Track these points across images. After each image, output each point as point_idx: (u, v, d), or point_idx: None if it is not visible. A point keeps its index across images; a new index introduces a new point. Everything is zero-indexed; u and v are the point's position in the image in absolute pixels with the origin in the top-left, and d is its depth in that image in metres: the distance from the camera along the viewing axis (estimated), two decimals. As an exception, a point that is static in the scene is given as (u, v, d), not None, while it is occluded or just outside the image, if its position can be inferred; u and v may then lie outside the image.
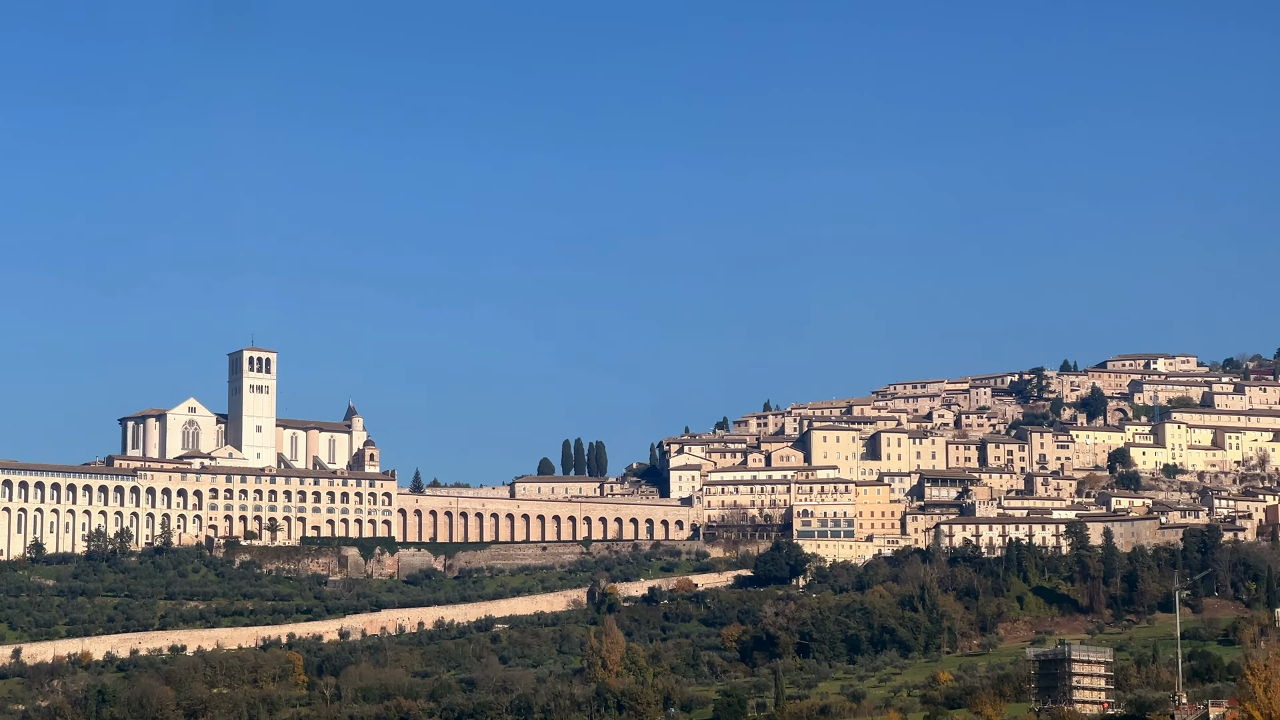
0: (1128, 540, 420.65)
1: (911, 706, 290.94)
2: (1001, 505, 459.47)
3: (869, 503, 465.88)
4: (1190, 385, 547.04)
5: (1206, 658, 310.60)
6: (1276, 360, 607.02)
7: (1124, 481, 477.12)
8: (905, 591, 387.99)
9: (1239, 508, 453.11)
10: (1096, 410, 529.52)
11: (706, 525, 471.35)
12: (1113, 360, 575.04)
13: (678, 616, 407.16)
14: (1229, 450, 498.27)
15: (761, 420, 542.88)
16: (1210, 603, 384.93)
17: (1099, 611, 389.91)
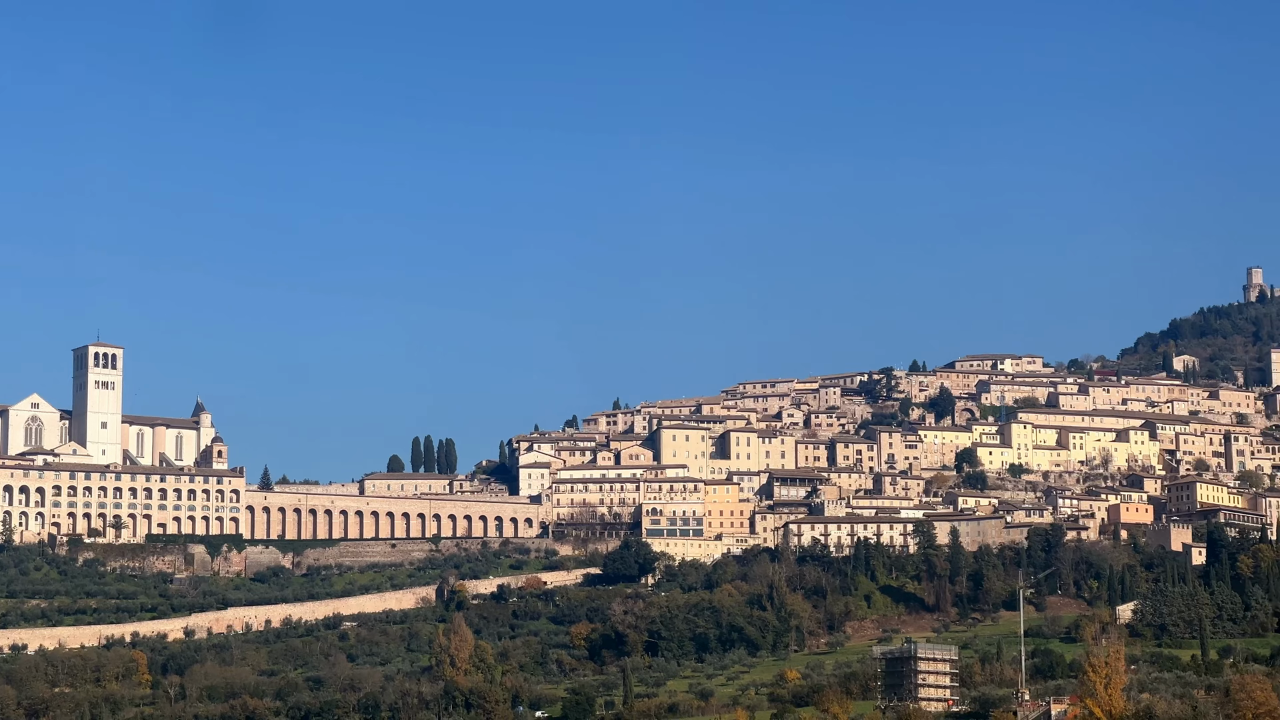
0: (974, 539, 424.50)
1: (759, 705, 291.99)
2: (850, 505, 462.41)
3: (718, 502, 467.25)
4: (1036, 386, 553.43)
5: (1049, 655, 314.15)
6: (1120, 361, 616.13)
7: (971, 481, 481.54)
8: (754, 590, 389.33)
9: (1082, 507, 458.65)
10: (945, 410, 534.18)
11: (556, 523, 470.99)
12: (961, 361, 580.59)
13: (526, 614, 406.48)
14: (1073, 450, 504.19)
15: (611, 419, 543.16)
16: (1054, 601, 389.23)
17: (945, 610, 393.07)
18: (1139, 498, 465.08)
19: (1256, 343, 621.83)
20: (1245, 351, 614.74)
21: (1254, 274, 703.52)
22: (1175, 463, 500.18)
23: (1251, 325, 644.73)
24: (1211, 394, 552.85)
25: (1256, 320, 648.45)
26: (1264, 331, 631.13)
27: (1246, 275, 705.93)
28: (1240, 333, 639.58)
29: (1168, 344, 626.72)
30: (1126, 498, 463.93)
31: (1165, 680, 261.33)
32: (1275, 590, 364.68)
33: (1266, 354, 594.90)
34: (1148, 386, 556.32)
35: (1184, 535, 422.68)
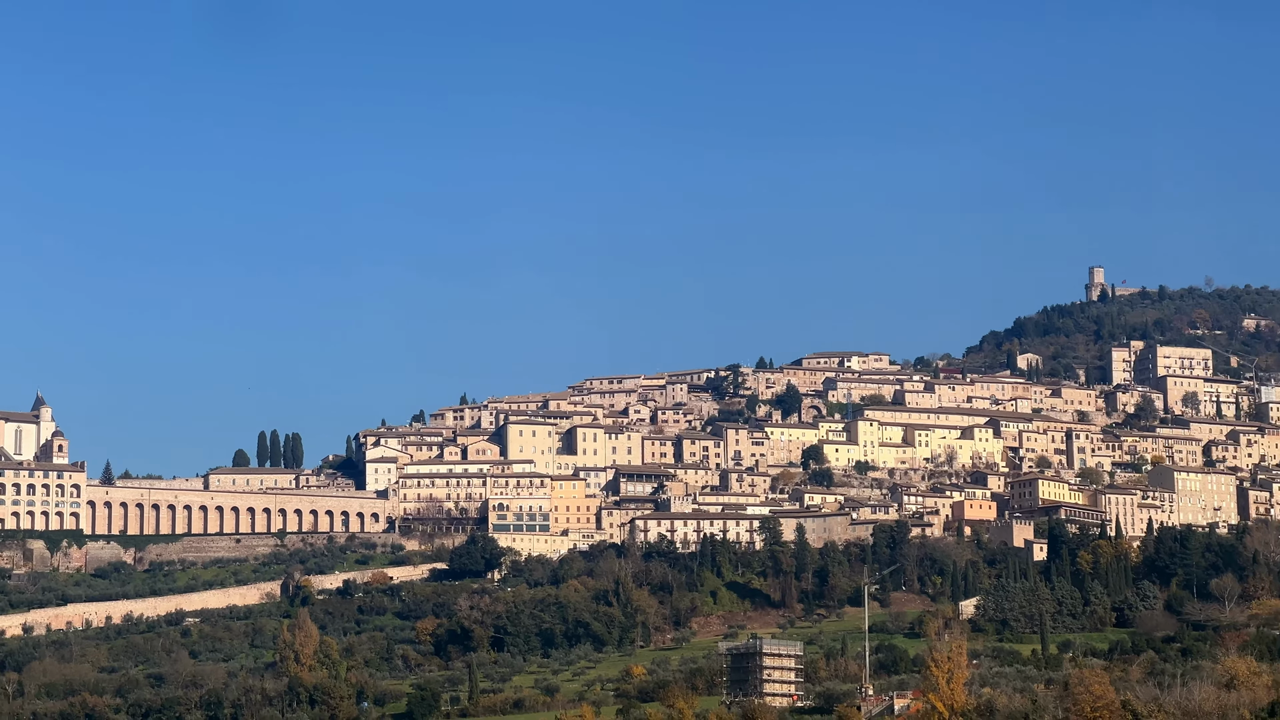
0: (820, 536, 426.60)
1: (605, 700, 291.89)
2: (697, 501, 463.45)
3: (565, 497, 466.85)
4: (883, 384, 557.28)
5: (893, 650, 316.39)
6: (965, 360, 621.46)
7: (817, 478, 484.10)
8: (600, 586, 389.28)
9: (927, 504, 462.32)
10: (791, 407, 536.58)
11: (402, 518, 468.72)
12: (808, 358, 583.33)
13: (372, 610, 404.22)
14: (918, 447, 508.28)
15: (458, 414, 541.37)
16: (898, 597, 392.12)
17: (790, 606, 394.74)
18: (982, 495, 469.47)
19: (1098, 341, 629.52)
20: (1087, 350, 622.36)
21: (1096, 273, 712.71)
22: (1018, 460, 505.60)
23: (1093, 324, 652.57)
24: (1054, 392, 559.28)
25: (1098, 319, 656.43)
26: (1105, 330, 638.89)
27: (1089, 274, 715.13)
28: (1083, 331, 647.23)
29: (1012, 342, 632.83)
30: (970, 495, 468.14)
31: (1006, 674, 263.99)
32: (1114, 586, 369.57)
33: (1108, 352, 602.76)
34: (992, 384, 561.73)
35: (1026, 531, 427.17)
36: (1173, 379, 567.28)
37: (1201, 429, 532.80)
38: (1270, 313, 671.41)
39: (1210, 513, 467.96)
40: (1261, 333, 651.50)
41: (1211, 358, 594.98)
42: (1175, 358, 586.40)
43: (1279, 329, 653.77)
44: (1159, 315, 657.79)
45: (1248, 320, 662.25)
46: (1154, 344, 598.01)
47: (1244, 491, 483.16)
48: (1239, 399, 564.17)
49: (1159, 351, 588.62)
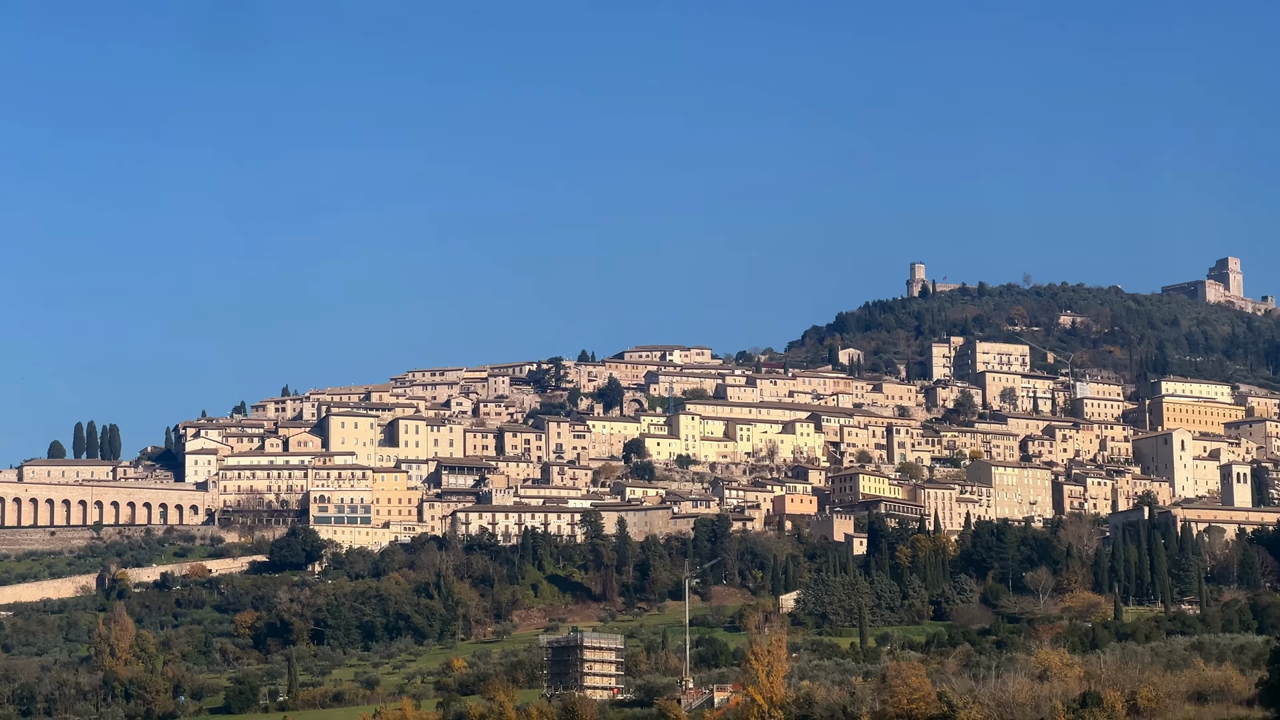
0: (641, 529, 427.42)
1: (425, 693, 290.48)
2: (518, 494, 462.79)
3: (386, 489, 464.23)
4: (704, 378, 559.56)
5: (713, 644, 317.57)
6: (787, 354, 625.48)
7: (639, 471, 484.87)
8: (421, 578, 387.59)
9: (748, 498, 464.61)
10: (613, 401, 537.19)
11: (222, 510, 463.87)
12: (630, 352, 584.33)
13: (190, 603, 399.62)
14: (740, 442, 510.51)
15: (280, 405, 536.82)
16: (719, 590, 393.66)
17: (611, 599, 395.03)
18: (803, 489, 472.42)
19: (919, 337, 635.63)
20: (908, 345, 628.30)
21: (917, 269, 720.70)
22: (839, 455, 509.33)
23: (914, 319, 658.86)
24: (875, 387, 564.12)
25: (919, 315, 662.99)
26: (926, 326, 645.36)
27: (910, 270, 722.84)
28: (904, 327, 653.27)
29: (834, 337, 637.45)
30: (791, 489, 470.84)
31: (825, 667, 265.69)
32: (932, 580, 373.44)
33: (928, 348, 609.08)
34: (814, 379, 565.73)
35: (846, 526, 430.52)
36: (991, 375, 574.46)
37: (1018, 424, 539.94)
38: (1086, 310, 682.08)
39: (1026, 507, 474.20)
40: (1078, 329, 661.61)
41: (1029, 354, 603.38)
42: (994, 354, 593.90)
43: (1094, 326, 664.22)
44: (978, 311, 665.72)
45: (1064, 317, 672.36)
46: (973, 340, 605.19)
47: (1059, 486, 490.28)
48: (1055, 395, 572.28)
49: (978, 347, 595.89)
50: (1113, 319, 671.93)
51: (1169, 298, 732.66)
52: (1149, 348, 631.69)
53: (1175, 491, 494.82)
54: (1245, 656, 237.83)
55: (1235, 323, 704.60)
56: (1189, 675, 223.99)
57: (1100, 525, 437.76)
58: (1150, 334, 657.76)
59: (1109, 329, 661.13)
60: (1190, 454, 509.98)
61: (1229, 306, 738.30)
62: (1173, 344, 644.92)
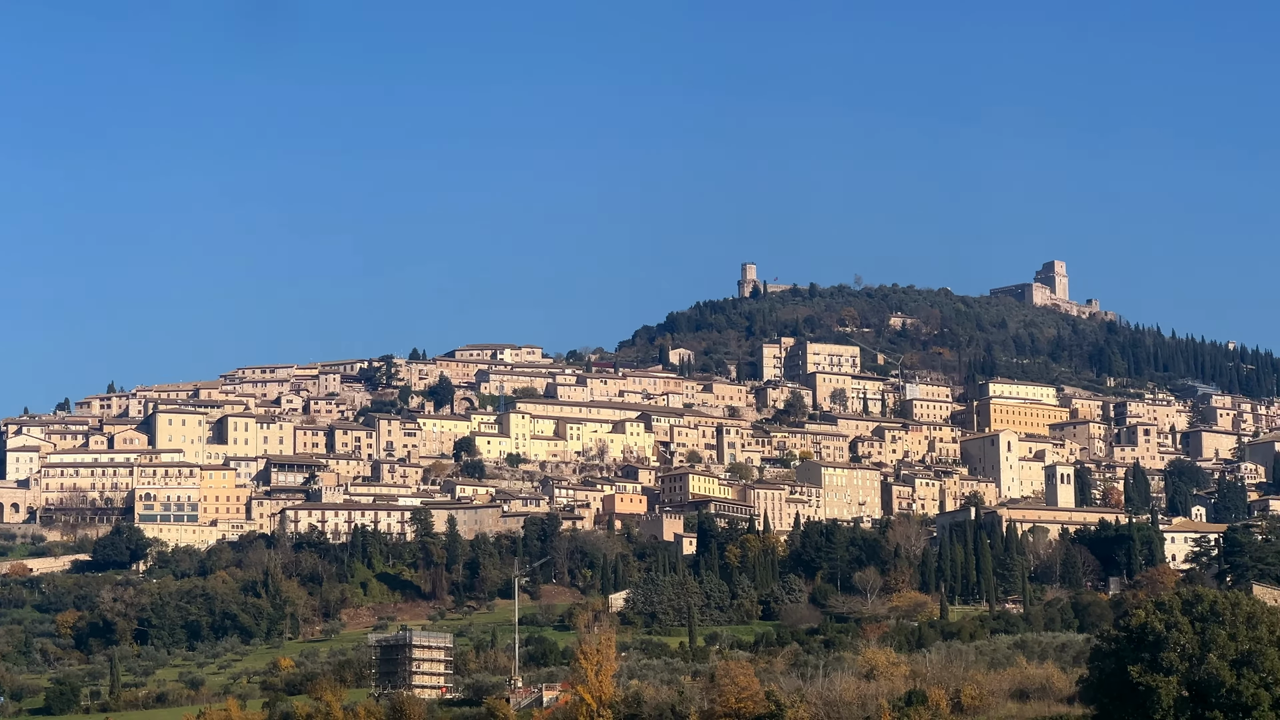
0: (471, 528, 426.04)
1: (251, 693, 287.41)
2: (348, 491, 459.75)
3: (214, 487, 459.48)
4: (535, 377, 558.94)
5: (543, 643, 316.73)
6: (618, 354, 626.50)
7: (469, 470, 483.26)
8: (249, 577, 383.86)
9: (578, 497, 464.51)
10: (444, 399, 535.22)
11: (44, 508, 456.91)
12: (461, 350, 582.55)
13: (10, 602, 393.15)
14: (570, 440, 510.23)
15: (105, 402, 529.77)
16: (548, 589, 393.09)
17: (441, 598, 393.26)
18: (633, 488, 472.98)
19: (749, 337, 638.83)
20: (739, 346, 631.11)
21: (749, 270, 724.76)
22: (669, 454, 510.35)
23: (745, 320, 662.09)
24: (705, 387, 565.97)
25: (750, 315, 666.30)
26: (757, 326, 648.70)
27: (741, 271, 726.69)
28: (734, 327, 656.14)
29: (665, 337, 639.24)
30: (621, 488, 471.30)
31: (654, 667, 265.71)
32: (761, 579, 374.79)
33: (759, 348, 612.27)
34: (644, 379, 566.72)
35: (676, 525, 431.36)
36: (821, 376, 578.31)
37: (848, 425, 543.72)
38: (916, 311, 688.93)
39: (855, 507, 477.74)
40: (907, 331, 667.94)
41: (859, 355, 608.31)
42: (824, 355, 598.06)
43: (924, 328, 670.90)
44: (809, 312, 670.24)
45: (894, 319, 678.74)
46: (804, 341, 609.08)
47: (888, 487, 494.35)
48: (885, 396, 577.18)
49: (809, 348, 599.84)
50: (942, 321, 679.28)
51: (997, 300, 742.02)
52: (977, 350, 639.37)
53: (1001, 492, 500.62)
54: (1066, 654, 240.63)
55: (1061, 325, 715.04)
56: (1012, 673, 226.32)
57: (928, 525, 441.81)
58: (978, 336, 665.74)
59: (938, 331, 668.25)
60: (1016, 455, 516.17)
61: (1055, 309, 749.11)
62: (1000, 346, 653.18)
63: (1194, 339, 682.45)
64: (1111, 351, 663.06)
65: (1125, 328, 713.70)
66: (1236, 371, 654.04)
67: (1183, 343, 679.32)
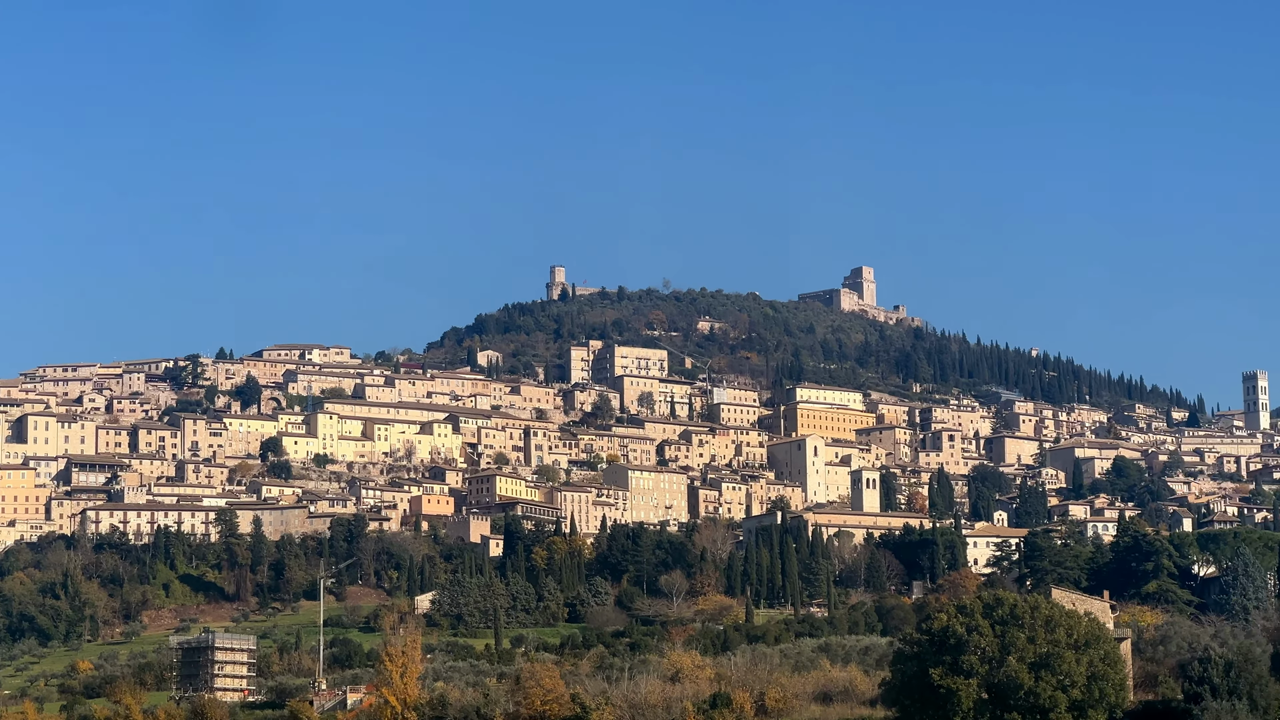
0: (277, 529, 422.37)
1: (48, 696, 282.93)
2: (152, 492, 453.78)
3: (13, 487, 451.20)
4: (343, 377, 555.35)
5: (348, 644, 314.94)
6: (427, 355, 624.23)
7: (275, 470, 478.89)
8: (47, 579, 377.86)
9: (385, 498, 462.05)
10: (251, 399, 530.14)
11: None
12: (269, 350, 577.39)
13: None
14: (378, 441, 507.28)
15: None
16: (354, 591, 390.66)
17: (245, 599, 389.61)
18: (440, 490, 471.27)
19: (558, 340, 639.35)
20: (547, 348, 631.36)
21: (557, 272, 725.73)
22: (477, 456, 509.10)
23: (554, 322, 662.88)
24: (513, 389, 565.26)
25: (559, 318, 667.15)
26: (565, 329, 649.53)
27: (550, 274, 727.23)
28: (543, 330, 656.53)
29: (473, 339, 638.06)
30: (429, 489, 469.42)
31: (459, 669, 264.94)
32: (567, 582, 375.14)
33: (566, 351, 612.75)
34: (452, 380, 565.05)
35: (483, 527, 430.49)
36: (629, 379, 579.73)
37: (655, 429, 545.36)
38: (724, 315, 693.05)
39: (662, 510, 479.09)
40: (715, 335, 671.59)
41: (667, 359, 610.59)
42: (632, 358, 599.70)
43: (732, 332, 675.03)
44: (618, 315, 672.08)
45: (702, 323, 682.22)
46: (612, 344, 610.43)
47: (694, 490, 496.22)
48: (692, 400, 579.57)
49: (616, 351, 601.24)
50: (750, 325, 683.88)
51: (805, 305, 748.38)
52: (785, 355, 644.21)
53: (807, 496, 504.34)
54: (870, 658, 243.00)
55: (868, 331, 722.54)
56: (816, 676, 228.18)
57: (734, 529, 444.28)
58: (786, 341, 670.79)
59: (746, 335, 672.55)
60: (822, 460, 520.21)
61: (863, 315, 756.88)
62: (808, 351, 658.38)
63: (998, 346, 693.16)
64: (918, 358, 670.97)
65: (931, 334, 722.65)
66: (1039, 378, 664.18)
67: (987, 349, 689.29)
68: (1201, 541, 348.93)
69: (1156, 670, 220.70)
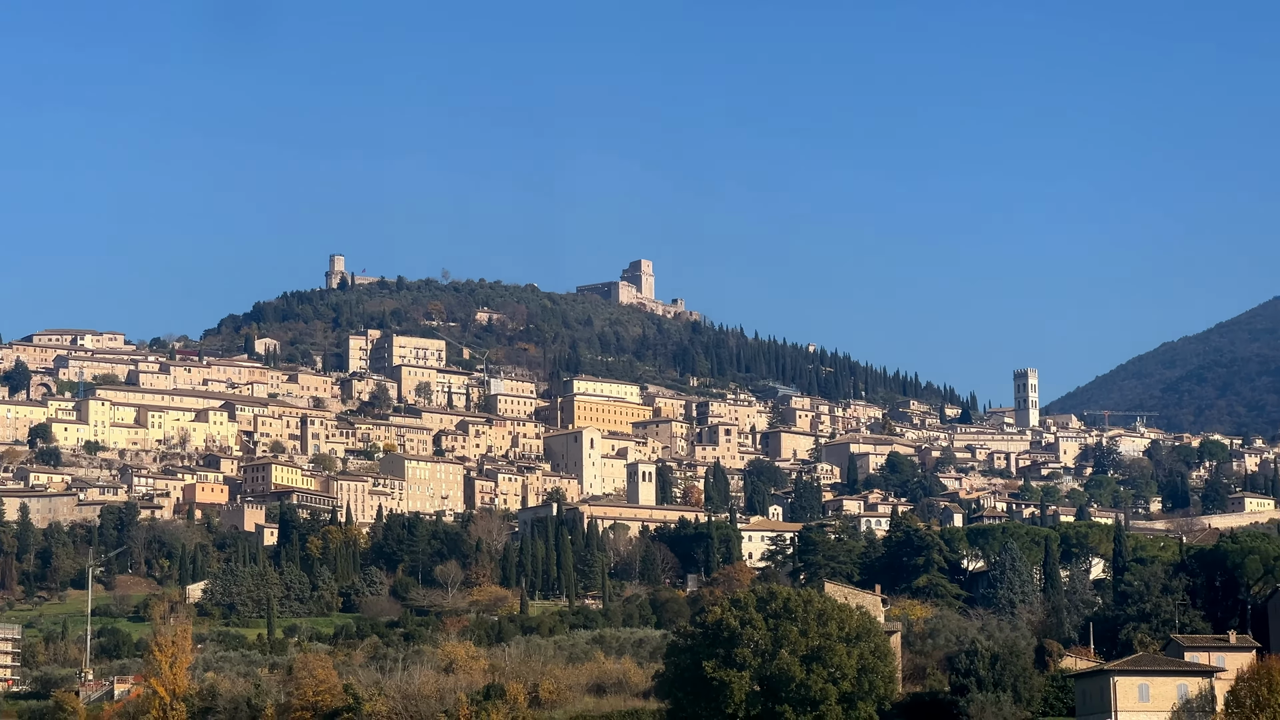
0: (45, 516, 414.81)
1: None
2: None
3: None
4: (117, 363, 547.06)
5: (116, 634, 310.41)
6: (203, 342, 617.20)
7: (44, 457, 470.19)
8: None
9: (158, 486, 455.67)
10: (20, 384, 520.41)
11: None
12: (39, 334, 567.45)
13: None
14: (152, 429, 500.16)
15: None
16: (124, 580, 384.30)
17: (10, 588, 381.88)
18: (215, 478, 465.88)
19: (336, 329, 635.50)
20: (325, 337, 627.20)
21: (337, 261, 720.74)
22: (252, 444, 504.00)
23: (332, 311, 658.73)
24: (291, 377, 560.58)
25: (337, 307, 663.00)
26: (344, 318, 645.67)
27: (330, 262, 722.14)
28: (321, 318, 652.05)
29: (251, 327, 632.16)
30: (203, 478, 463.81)
31: (231, 659, 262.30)
32: (342, 571, 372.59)
33: (345, 340, 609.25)
34: (229, 368, 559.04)
35: (257, 516, 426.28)
36: (407, 369, 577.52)
37: (433, 419, 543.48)
38: (503, 307, 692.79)
39: (438, 501, 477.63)
40: (494, 326, 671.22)
41: (445, 349, 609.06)
42: (410, 348, 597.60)
43: (511, 323, 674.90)
44: (396, 305, 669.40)
45: (481, 314, 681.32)
46: (390, 334, 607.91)
47: (471, 481, 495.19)
48: (470, 390, 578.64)
49: (395, 341, 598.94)
50: (528, 317, 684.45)
51: (583, 298, 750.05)
52: (562, 347, 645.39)
53: (583, 488, 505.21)
54: (644, 650, 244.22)
55: (646, 324, 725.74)
56: (590, 668, 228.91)
57: (510, 520, 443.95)
58: (564, 333, 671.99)
59: (525, 327, 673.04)
60: (599, 452, 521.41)
61: (641, 309, 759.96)
62: (585, 344, 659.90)
63: (775, 341, 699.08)
64: (695, 352, 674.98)
65: (709, 328, 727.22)
66: (815, 374, 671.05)
67: (764, 344, 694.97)
68: (971, 536, 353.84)
69: (925, 663, 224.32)
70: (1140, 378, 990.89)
